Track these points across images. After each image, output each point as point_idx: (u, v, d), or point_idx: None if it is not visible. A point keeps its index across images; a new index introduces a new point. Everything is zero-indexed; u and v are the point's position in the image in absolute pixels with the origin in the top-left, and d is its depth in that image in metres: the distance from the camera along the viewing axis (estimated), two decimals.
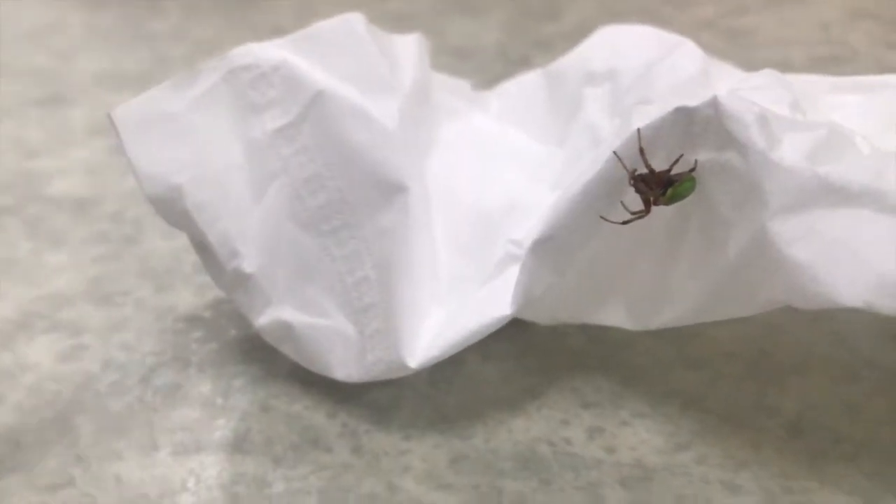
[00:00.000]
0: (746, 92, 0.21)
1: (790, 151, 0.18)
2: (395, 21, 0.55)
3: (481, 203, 0.24)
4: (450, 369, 0.24)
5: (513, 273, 0.22)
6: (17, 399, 0.24)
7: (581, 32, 0.51)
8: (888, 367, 0.23)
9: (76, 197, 0.35)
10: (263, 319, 0.23)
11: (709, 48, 0.48)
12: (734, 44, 0.49)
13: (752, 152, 0.19)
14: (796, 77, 0.26)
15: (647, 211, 0.20)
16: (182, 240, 0.31)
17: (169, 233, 0.32)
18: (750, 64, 0.46)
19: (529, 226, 0.23)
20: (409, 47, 0.26)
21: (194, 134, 0.22)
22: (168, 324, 0.27)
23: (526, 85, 0.29)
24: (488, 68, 0.47)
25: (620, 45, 0.27)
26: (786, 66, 0.46)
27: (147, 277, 0.30)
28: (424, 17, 0.56)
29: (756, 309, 0.20)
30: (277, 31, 0.54)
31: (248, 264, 0.23)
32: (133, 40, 0.54)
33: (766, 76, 0.24)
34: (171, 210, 0.22)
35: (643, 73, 0.25)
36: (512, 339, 0.24)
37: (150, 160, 0.22)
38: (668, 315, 0.21)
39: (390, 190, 0.22)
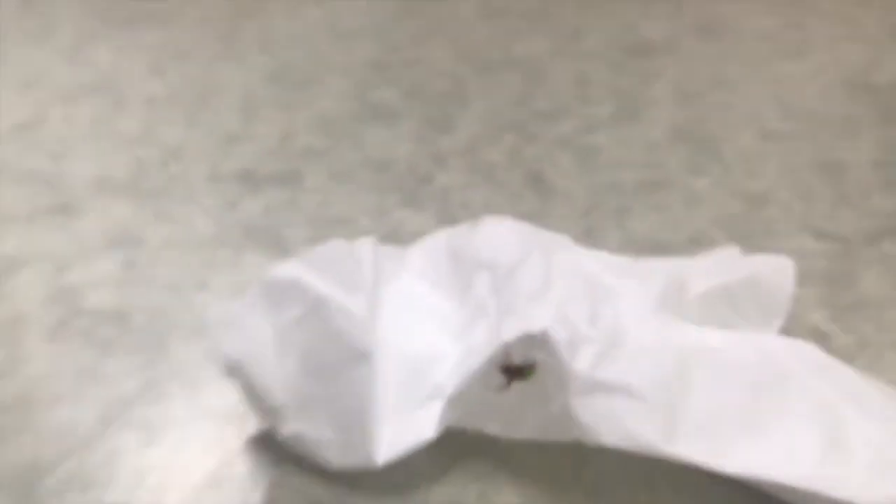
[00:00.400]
0: (569, 308, 0.37)
1: (580, 361, 0.35)
2: (321, 125, 0.69)
3: (412, 353, 0.40)
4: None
5: (435, 406, 0.38)
6: (125, 483, 0.38)
7: (470, 149, 0.67)
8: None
9: (111, 311, 0.49)
10: (285, 431, 0.38)
11: (561, 170, 0.65)
12: (583, 165, 0.65)
13: (561, 361, 0.35)
14: (598, 266, 0.42)
15: (509, 384, 0.36)
16: (200, 346, 0.46)
17: (188, 342, 0.46)
18: (593, 188, 0.62)
19: (444, 372, 0.38)
20: (367, 250, 0.41)
21: (247, 329, 0.37)
22: (212, 421, 0.42)
23: (435, 252, 0.45)
24: (402, 184, 0.62)
25: (499, 241, 0.43)
26: (618, 189, 0.62)
27: (184, 381, 0.44)
28: (345, 123, 0.70)
29: (572, 437, 0.36)
30: (230, 135, 0.67)
31: (277, 400, 0.38)
32: (110, 140, 0.66)
33: (582, 283, 0.40)
34: (237, 374, 0.37)
35: (512, 271, 0.41)
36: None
37: (225, 347, 0.37)
38: (525, 434, 0.37)
39: (361, 356, 0.37)
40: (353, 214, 0.58)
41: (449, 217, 0.58)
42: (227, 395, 0.42)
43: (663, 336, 0.37)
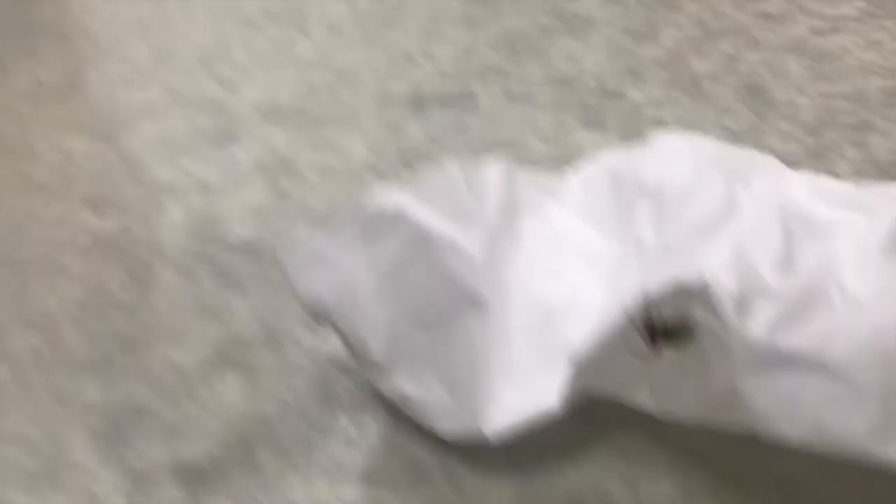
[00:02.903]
0: (751, 248, 0.27)
1: (756, 323, 0.25)
2: (505, 41, 0.62)
3: (549, 299, 0.32)
4: None
5: (562, 368, 0.30)
6: (218, 436, 0.35)
7: (674, 60, 0.56)
8: None
9: (250, 243, 0.45)
10: (385, 388, 0.32)
11: (787, 79, 0.53)
12: (816, 73, 0.53)
13: (726, 324, 0.26)
14: (810, 194, 0.32)
15: (655, 350, 0.27)
16: None
17: None
18: (826, 100, 0.50)
19: (580, 329, 0.30)
20: (495, 173, 0.34)
21: (335, 266, 0.31)
22: (319, 368, 0.37)
23: (592, 180, 0.36)
24: (585, 101, 0.53)
25: (671, 163, 0.34)
26: (859, 100, 0.50)
27: (304, 322, 0.39)
28: (533, 38, 0.62)
29: (741, 424, 0.27)
30: (406, 55, 0.61)
31: (375, 354, 0.32)
32: (284, 67, 0.63)
33: (779, 216, 0.30)
34: (324, 320, 0.32)
35: (682, 199, 0.32)
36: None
37: (306, 289, 0.31)
38: (680, 412, 0.29)
39: (473, 303, 0.31)
40: (524, 137, 0.50)
41: (636, 136, 0.48)
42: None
43: (892, 292, 0.27)
